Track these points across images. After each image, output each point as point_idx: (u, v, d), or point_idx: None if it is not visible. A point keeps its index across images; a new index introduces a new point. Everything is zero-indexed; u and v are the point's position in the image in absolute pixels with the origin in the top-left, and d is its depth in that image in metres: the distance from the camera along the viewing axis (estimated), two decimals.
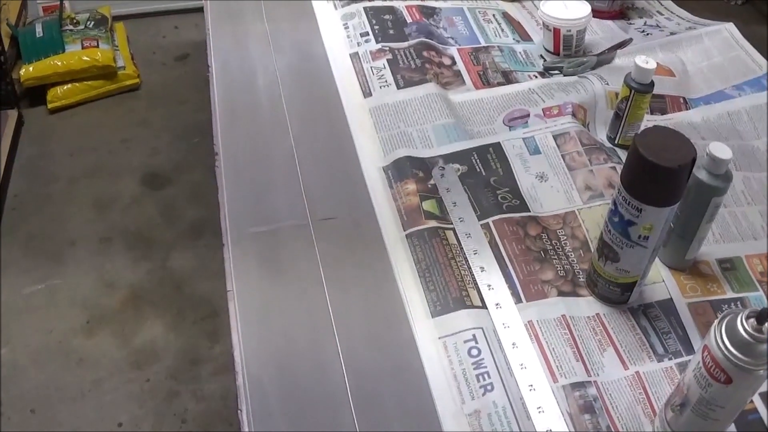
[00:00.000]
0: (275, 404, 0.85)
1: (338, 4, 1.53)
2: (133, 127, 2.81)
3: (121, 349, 2.05)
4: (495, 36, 1.46)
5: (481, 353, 0.89)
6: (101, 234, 2.38)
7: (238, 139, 1.21)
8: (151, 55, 3.16)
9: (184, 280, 2.24)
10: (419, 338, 0.91)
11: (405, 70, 1.32)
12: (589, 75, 1.32)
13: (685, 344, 0.92)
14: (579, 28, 1.36)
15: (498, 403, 0.84)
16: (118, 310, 2.15)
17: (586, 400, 0.86)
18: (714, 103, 1.32)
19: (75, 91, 2.85)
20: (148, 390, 1.95)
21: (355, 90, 1.31)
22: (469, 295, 0.95)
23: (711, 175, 0.91)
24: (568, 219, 1.07)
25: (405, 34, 1.42)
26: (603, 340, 0.92)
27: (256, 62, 1.38)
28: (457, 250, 1.01)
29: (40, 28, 2.90)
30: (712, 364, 0.71)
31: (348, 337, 0.92)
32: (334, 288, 0.98)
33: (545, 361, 0.89)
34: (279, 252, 1.03)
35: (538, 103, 1.26)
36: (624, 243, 0.88)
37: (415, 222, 1.05)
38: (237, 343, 0.92)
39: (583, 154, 1.15)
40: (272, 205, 1.10)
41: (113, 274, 2.25)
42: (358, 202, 1.10)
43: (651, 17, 1.57)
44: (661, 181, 0.82)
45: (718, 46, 1.44)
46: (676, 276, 1.00)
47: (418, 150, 1.17)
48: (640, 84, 1.12)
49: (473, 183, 1.11)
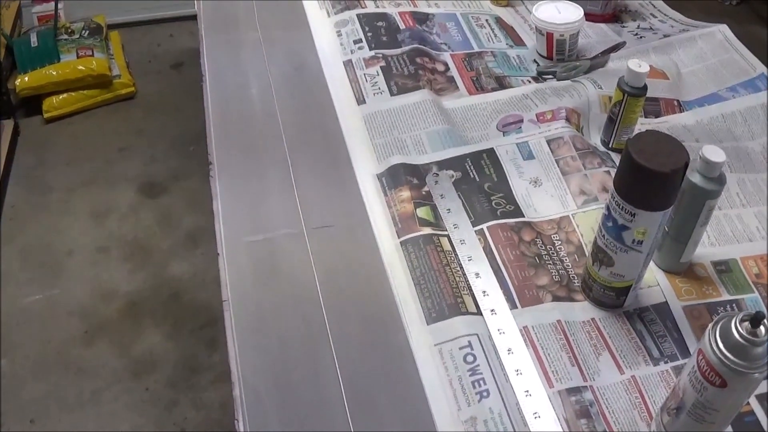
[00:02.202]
0: (272, 413, 0.85)
1: (331, 11, 1.53)
2: (130, 136, 2.81)
3: (120, 358, 2.04)
4: (488, 41, 1.46)
5: (477, 359, 0.89)
6: (98, 243, 2.38)
7: (232, 147, 1.21)
8: (146, 63, 3.17)
9: (182, 289, 2.24)
10: (415, 345, 0.91)
11: (398, 76, 1.33)
12: (582, 79, 1.32)
13: (681, 347, 0.92)
14: (572, 32, 1.37)
15: (494, 410, 0.84)
16: (117, 320, 2.15)
17: (583, 405, 0.86)
18: (708, 105, 1.32)
19: (71, 101, 2.86)
20: (148, 399, 1.95)
21: (349, 97, 1.31)
22: (464, 301, 0.95)
23: (705, 178, 0.91)
24: (563, 224, 1.07)
25: (398, 41, 1.42)
26: (598, 344, 0.92)
27: (250, 70, 1.38)
28: (451, 256, 1.01)
29: (35, 37, 2.90)
30: (707, 367, 0.71)
31: (343, 344, 0.92)
32: (330, 296, 0.98)
33: (541, 367, 0.89)
34: (274, 260, 1.03)
35: (532, 108, 1.26)
36: (618, 248, 0.88)
37: (410, 229, 1.05)
38: (233, 352, 0.91)
39: (577, 159, 1.15)
40: (267, 213, 1.10)
41: (111, 284, 2.25)
42: (352, 209, 1.10)
43: (644, 20, 1.57)
44: (654, 186, 0.82)
45: (712, 48, 1.44)
46: (671, 279, 1.00)
47: (412, 157, 1.17)
48: (633, 87, 1.12)
49: (467, 189, 1.11)
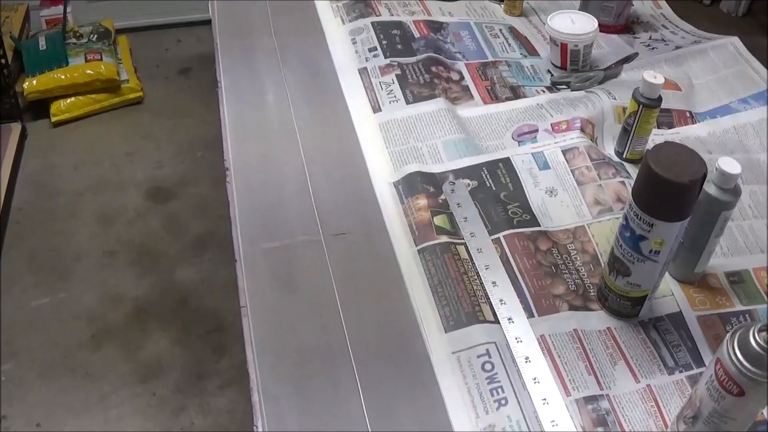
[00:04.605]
0: (291, 419, 0.85)
1: (346, 19, 1.54)
2: (137, 141, 2.81)
3: (127, 363, 2.05)
4: (502, 51, 1.47)
5: (495, 368, 0.89)
6: (106, 248, 2.39)
7: (248, 155, 1.22)
8: (154, 68, 3.17)
9: (190, 294, 2.24)
10: (433, 353, 0.92)
11: (414, 85, 1.33)
12: (596, 90, 1.33)
13: (695, 357, 0.93)
14: (586, 43, 1.37)
15: (512, 417, 0.85)
16: (124, 324, 2.15)
17: (599, 414, 0.86)
18: (720, 117, 1.33)
19: (78, 105, 2.86)
20: (155, 404, 1.95)
21: (365, 105, 1.31)
22: (482, 309, 0.96)
23: (720, 189, 0.92)
24: (578, 233, 1.08)
25: (413, 49, 1.43)
26: (614, 353, 0.93)
27: (265, 77, 1.38)
28: (468, 265, 1.02)
29: (44, 41, 2.91)
30: (725, 376, 0.72)
31: (362, 351, 0.92)
32: (348, 304, 0.98)
33: (558, 375, 0.90)
34: (292, 268, 1.03)
35: (547, 118, 1.26)
36: (635, 257, 0.88)
37: (427, 237, 1.05)
38: (252, 359, 0.92)
39: (592, 169, 1.16)
40: (284, 220, 1.10)
41: (118, 288, 2.26)
42: (369, 217, 1.11)
43: (656, 31, 1.58)
44: (673, 197, 0.83)
45: (724, 59, 1.45)
46: (685, 289, 1.01)
47: (429, 165, 1.17)
48: (648, 99, 1.13)
49: (484, 198, 1.12)
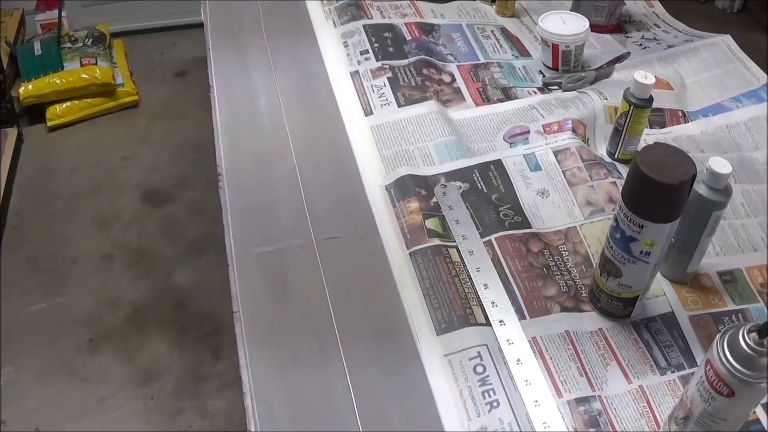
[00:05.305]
0: (283, 424, 0.86)
1: (338, 22, 1.54)
2: (133, 144, 2.82)
3: (125, 366, 2.05)
4: (494, 52, 1.47)
5: (486, 370, 0.90)
6: (103, 251, 2.39)
7: (240, 158, 1.22)
8: (149, 71, 3.17)
9: (187, 297, 2.24)
10: (425, 356, 0.92)
11: (405, 87, 1.33)
12: (588, 90, 1.32)
13: (688, 357, 0.93)
14: (577, 43, 1.38)
15: (504, 420, 0.85)
16: (121, 328, 2.15)
17: (591, 415, 0.86)
18: (712, 116, 1.33)
19: (74, 109, 2.86)
20: (153, 407, 1.95)
21: (356, 108, 1.31)
22: (473, 312, 0.96)
23: (711, 189, 0.92)
24: (570, 235, 1.08)
25: (405, 52, 1.43)
26: (606, 354, 0.93)
27: (257, 81, 1.38)
28: (460, 267, 1.02)
29: (39, 45, 2.91)
30: (715, 377, 0.72)
31: (354, 354, 0.93)
32: (340, 307, 0.98)
33: (550, 377, 0.90)
34: (284, 272, 1.03)
35: (538, 119, 1.26)
36: (626, 259, 0.88)
37: (419, 240, 1.06)
38: (244, 362, 0.92)
39: (584, 170, 1.16)
40: (276, 224, 1.10)
41: (115, 292, 2.26)
42: (361, 221, 1.11)
43: (648, 30, 1.58)
44: (662, 198, 0.83)
45: (716, 58, 1.45)
46: (677, 289, 1.01)
47: (420, 168, 1.18)
48: (639, 99, 1.13)
49: (475, 200, 1.12)
